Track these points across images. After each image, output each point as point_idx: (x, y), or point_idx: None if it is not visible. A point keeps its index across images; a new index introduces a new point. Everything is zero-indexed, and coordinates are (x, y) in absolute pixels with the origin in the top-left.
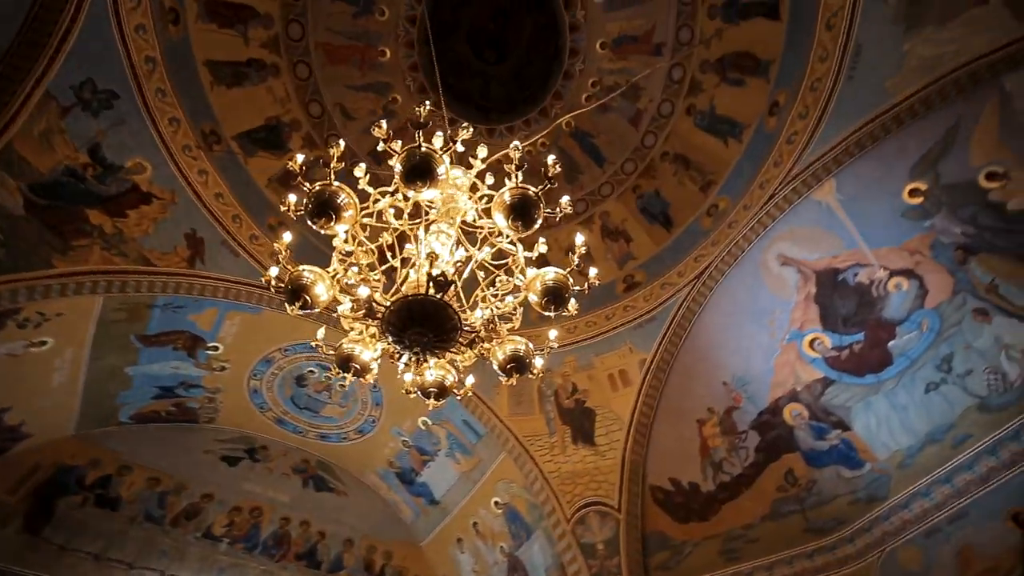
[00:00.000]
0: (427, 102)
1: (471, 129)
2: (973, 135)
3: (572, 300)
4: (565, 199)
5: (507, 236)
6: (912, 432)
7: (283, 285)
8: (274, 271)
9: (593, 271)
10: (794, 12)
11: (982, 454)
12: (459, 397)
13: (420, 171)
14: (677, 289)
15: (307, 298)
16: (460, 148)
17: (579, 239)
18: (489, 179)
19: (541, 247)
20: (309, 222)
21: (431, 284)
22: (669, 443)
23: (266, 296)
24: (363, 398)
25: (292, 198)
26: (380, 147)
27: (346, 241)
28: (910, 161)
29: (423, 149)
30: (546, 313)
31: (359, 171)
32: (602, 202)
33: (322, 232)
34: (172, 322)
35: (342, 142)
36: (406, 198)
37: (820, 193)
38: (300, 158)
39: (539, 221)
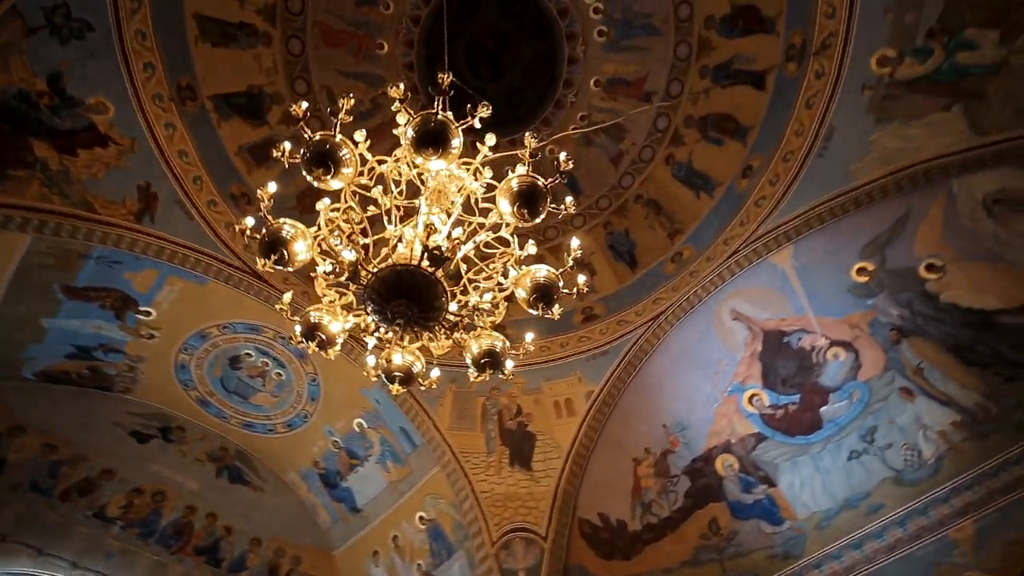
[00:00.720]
0: (448, 73)
1: (490, 108)
2: (920, 228)
3: (556, 305)
4: (569, 199)
5: (507, 224)
6: (831, 496)
7: (259, 236)
8: (250, 221)
9: (582, 278)
10: (778, 87)
11: (892, 525)
12: (423, 386)
13: (434, 137)
14: (633, 328)
15: (284, 253)
16: (477, 124)
17: (575, 243)
18: (488, 172)
19: (531, 248)
20: (305, 172)
21: (425, 256)
22: (603, 478)
23: (215, 267)
24: (299, 390)
25: (287, 144)
26: (395, 107)
27: (337, 201)
28: (862, 242)
29: (440, 117)
30: (531, 311)
31: (360, 135)
32: (572, 232)
33: (315, 184)
34: (105, 277)
35: (352, 97)
36: (413, 165)
37: (778, 257)
38: (304, 105)
39: (543, 214)
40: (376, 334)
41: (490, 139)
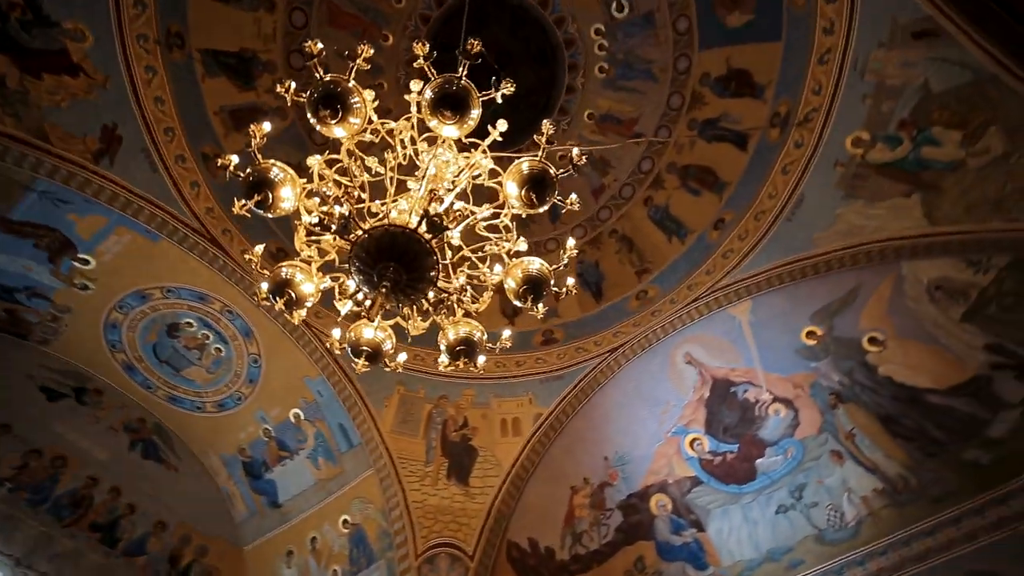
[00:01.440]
0: (477, 41)
1: (514, 84)
2: (868, 302)
3: (542, 303)
4: (573, 196)
5: (509, 208)
6: (756, 547)
7: (244, 175)
8: (235, 158)
9: (571, 280)
10: (759, 149)
11: None
12: (389, 368)
13: (454, 100)
14: (590, 357)
15: (269, 196)
16: (499, 99)
17: (570, 242)
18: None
19: (521, 244)
20: (310, 113)
21: (424, 222)
22: (539, 503)
23: (171, 225)
24: (238, 370)
25: (292, 84)
26: (418, 64)
27: (335, 153)
28: (814, 307)
29: (463, 82)
30: (518, 302)
31: (369, 94)
32: (545, 255)
33: (318, 128)
34: (47, 215)
35: (369, 47)
36: (426, 128)
37: (736, 310)
38: (320, 45)
39: (549, 203)
40: (353, 300)
41: (502, 124)
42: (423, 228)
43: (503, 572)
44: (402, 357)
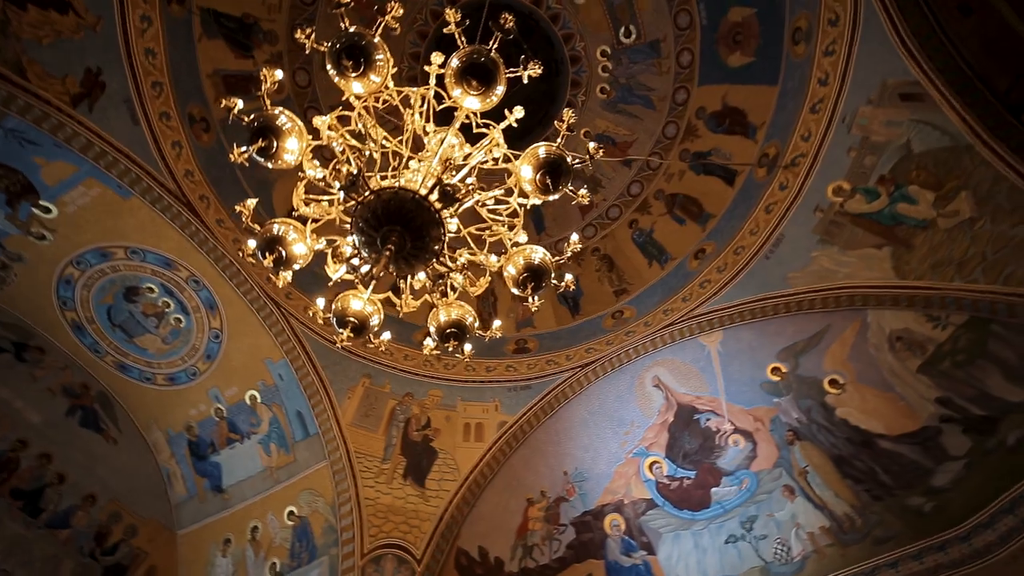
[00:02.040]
0: (511, 17)
1: (541, 68)
2: (832, 345)
3: (538, 295)
4: (583, 190)
5: (521, 192)
6: (703, 574)
7: (249, 119)
8: (240, 104)
9: (568, 276)
10: (745, 187)
11: None
12: (372, 344)
13: (481, 71)
14: (560, 370)
15: (273, 144)
16: (527, 77)
17: (574, 237)
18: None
19: (522, 236)
20: (331, 64)
21: (436, 189)
22: (493, 512)
23: (146, 183)
24: (196, 344)
25: (312, 30)
26: (448, 29)
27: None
28: (782, 344)
29: (492, 54)
30: (515, 290)
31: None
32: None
33: (338, 80)
34: (11, 154)
35: (400, 6)
36: (448, 97)
37: (708, 339)
38: None
39: (562, 191)
40: (348, 264)
41: (518, 111)
42: (434, 197)
43: None
44: (386, 335)
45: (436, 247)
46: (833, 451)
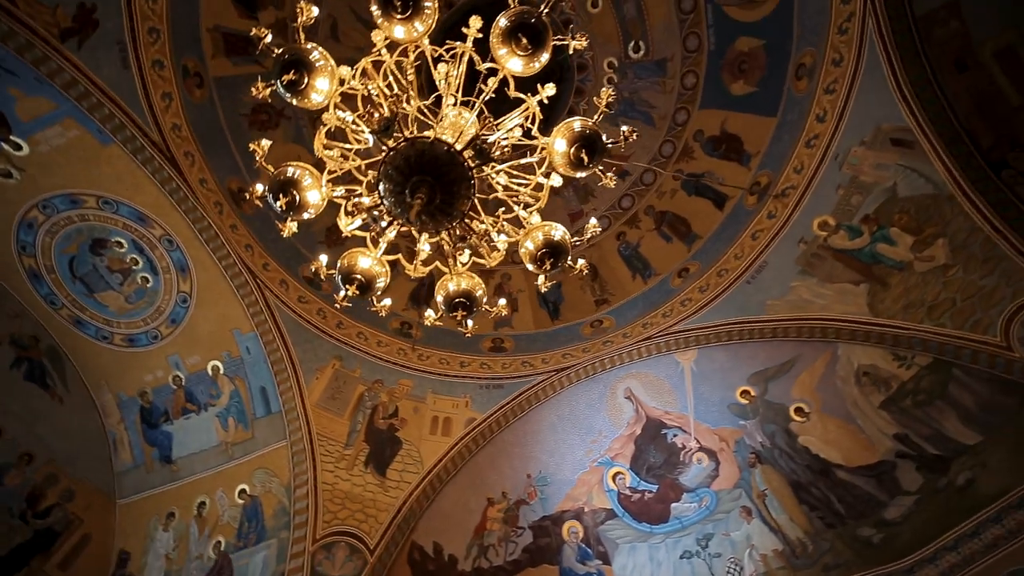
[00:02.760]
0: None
1: (587, 38)
2: (802, 373)
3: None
4: (611, 173)
5: (549, 166)
6: None
7: (279, 52)
8: (269, 37)
9: (581, 260)
10: (735, 213)
11: None
12: (374, 308)
13: (530, 31)
14: (534, 373)
15: (304, 79)
16: (572, 48)
17: (592, 220)
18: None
19: (534, 217)
20: (377, 4)
21: (471, 145)
22: (452, 508)
23: (129, 131)
24: (161, 306)
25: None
26: None
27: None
28: (753, 369)
29: (543, 15)
30: (531, 266)
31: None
32: (511, 265)
33: (378, 20)
34: None
35: None
36: (488, 59)
37: (683, 356)
38: None
39: (591, 169)
40: (369, 213)
41: (550, 88)
42: (468, 154)
43: (400, 571)
44: (387, 301)
45: (464, 207)
46: (792, 477)
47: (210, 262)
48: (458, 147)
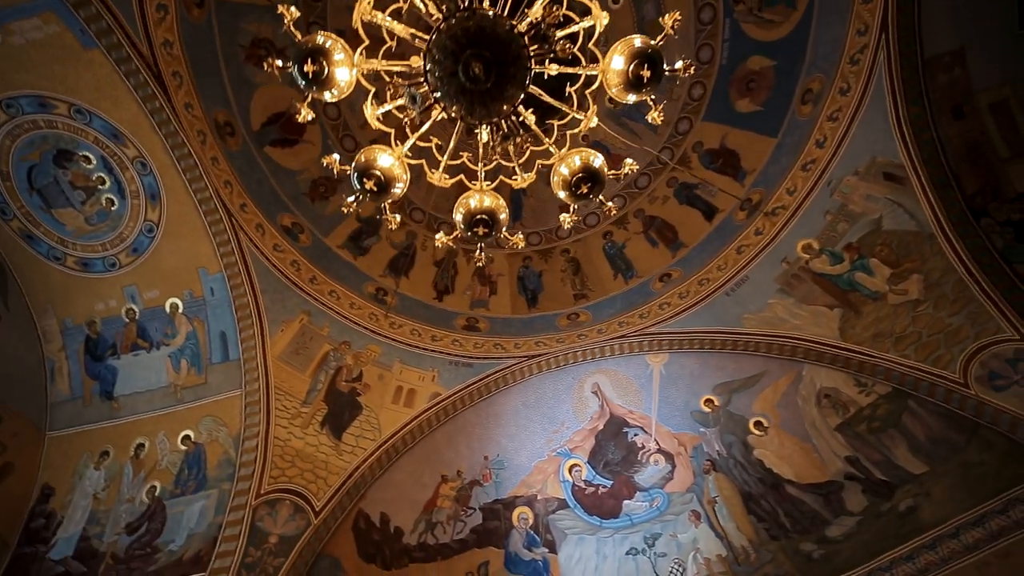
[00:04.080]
0: None
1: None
2: (766, 389)
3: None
4: (656, 112)
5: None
6: None
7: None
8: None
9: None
10: (723, 226)
11: None
12: (386, 216)
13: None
14: (506, 356)
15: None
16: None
17: (629, 160)
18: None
19: (592, 120)
20: None
21: (534, 29)
22: (405, 480)
23: (116, 37)
24: (124, 233)
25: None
26: None
27: None
28: (720, 379)
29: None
30: (563, 192)
31: None
32: (495, 248)
33: None
34: None
35: None
36: None
37: (654, 359)
38: None
39: (646, 94)
40: (409, 92)
41: (605, 17)
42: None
43: (343, 537)
44: (399, 189)
45: (515, 94)
46: (744, 487)
47: (184, 193)
48: (521, 28)
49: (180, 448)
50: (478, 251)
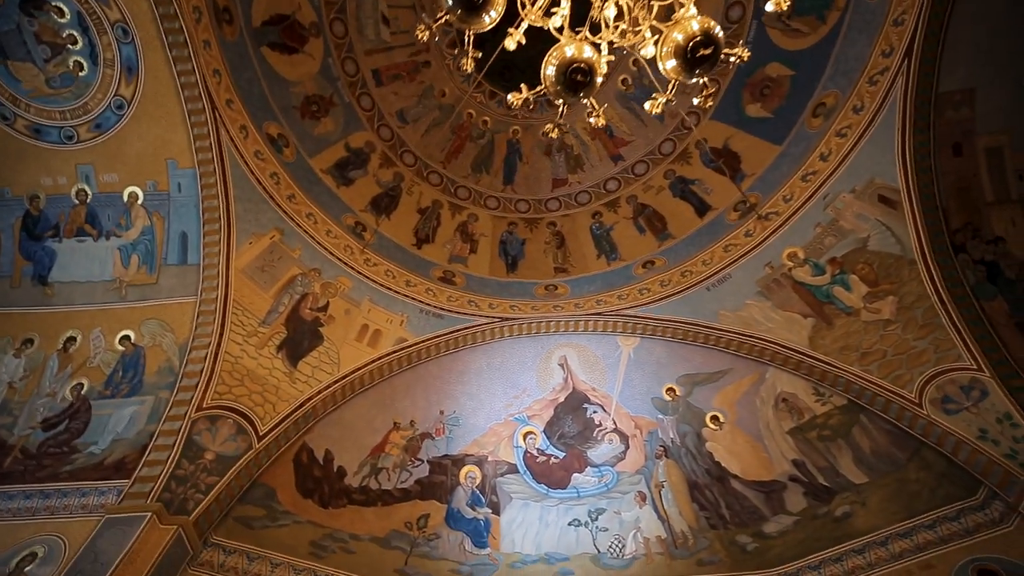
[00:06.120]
0: None
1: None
2: (728, 386)
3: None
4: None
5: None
6: (537, 546)
7: None
8: None
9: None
10: (714, 222)
11: None
12: (467, 50)
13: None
14: (478, 314)
15: None
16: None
17: (671, 63)
18: None
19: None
20: None
21: None
22: (355, 421)
23: None
24: (90, 104)
25: None
26: None
27: None
28: (686, 370)
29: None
30: (672, 62)
31: None
32: (482, 207)
33: None
34: None
35: None
36: None
37: (625, 341)
38: None
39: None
40: None
41: None
42: None
43: (283, 468)
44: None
45: None
46: (691, 476)
47: (166, 72)
48: None
49: (117, 348)
50: (559, 114)
